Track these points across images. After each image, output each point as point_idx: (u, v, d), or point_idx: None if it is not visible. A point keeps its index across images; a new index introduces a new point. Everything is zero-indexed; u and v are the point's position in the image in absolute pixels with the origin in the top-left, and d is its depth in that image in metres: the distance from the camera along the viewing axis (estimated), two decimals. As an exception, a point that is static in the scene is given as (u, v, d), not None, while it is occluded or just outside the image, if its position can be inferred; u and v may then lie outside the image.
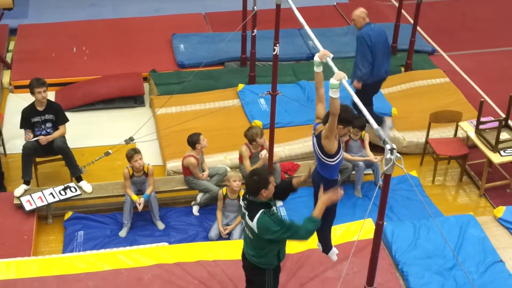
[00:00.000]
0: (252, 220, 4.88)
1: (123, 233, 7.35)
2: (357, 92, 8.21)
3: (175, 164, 8.17)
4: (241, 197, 5.10)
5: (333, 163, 4.97)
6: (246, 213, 4.96)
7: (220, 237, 7.31)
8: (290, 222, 4.89)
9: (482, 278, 6.64)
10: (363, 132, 7.97)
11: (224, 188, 7.33)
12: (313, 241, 6.81)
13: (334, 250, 5.65)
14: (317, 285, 6.42)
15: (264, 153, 7.62)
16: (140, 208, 7.30)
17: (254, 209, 4.88)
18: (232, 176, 7.25)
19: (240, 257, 5.48)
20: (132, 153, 7.31)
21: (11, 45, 11.00)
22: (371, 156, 7.96)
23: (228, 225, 7.36)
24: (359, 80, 8.29)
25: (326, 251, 5.65)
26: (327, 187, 5.08)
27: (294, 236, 4.87)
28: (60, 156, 7.83)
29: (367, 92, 8.36)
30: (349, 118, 4.90)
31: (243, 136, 7.74)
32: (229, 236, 7.30)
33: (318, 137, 4.95)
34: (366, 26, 8.16)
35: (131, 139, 7.45)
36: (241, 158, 7.77)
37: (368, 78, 8.29)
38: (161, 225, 7.49)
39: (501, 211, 7.58)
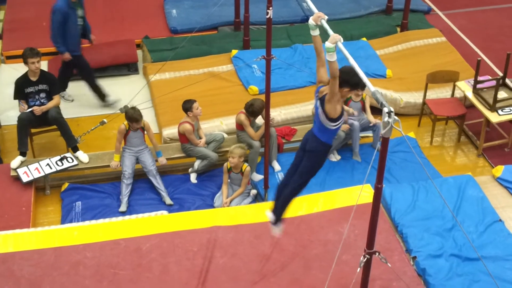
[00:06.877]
0: None
1: (123, 208, 7.26)
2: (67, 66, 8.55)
3: (171, 131, 8.12)
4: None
5: (334, 128, 4.92)
6: None
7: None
8: None
9: (482, 238, 6.66)
10: (364, 94, 7.89)
11: (228, 162, 7.26)
12: (311, 206, 6.85)
13: (281, 227, 5.55)
14: (319, 247, 6.44)
15: (261, 119, 7.55)
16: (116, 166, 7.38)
17: None
18: (232, 152, 7.17)
19: (239, 222, 5.31)
20: (140, 117, 7.26)
21: (1, 15, 10.83)
22: (371, 119, 7.90)
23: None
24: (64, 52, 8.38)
25: (275, 222, 5.53)
26: (321, 151, 5.04)
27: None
28: (55, 127, 7.77)
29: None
30: (357, 80, 4.74)
31: (239, 102, 7.64)
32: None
33: (322, 100, 4.88)
34: None
35: (126, 107, 7.37)
36: (238, 125, 7.69)
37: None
38: (168, 201, 7.38)
39: (499, 170, 7.57)
